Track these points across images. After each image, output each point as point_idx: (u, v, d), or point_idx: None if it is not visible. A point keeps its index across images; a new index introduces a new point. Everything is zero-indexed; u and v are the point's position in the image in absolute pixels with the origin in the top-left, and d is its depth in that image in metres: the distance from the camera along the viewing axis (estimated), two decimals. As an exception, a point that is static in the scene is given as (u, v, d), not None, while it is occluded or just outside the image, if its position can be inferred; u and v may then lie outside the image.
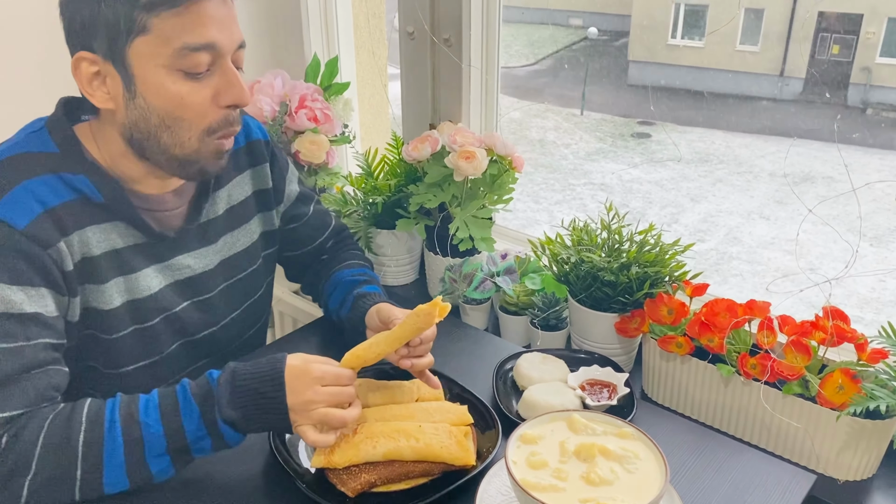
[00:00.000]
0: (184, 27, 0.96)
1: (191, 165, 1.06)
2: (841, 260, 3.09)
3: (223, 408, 0.95)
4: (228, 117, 1.04)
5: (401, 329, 1.04)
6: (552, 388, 1.15)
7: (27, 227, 0.96)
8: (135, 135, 1.03)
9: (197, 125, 1.02)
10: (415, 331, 1.03)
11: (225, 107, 1.03)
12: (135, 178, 1.09)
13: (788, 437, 1.14)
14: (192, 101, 1.00)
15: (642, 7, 4.86)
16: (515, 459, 0.90)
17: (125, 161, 1.07)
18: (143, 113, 1.00)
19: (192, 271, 1.18)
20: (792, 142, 3.61)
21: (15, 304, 0.94)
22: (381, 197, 1.64)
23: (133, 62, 0.97)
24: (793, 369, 1.10)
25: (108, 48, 0.97)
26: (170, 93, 0.99)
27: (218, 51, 0.99)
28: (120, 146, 1.05)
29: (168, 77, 0.98)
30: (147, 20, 0.94)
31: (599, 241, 1.37)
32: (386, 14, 2.13)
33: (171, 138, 1.02)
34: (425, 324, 1.02)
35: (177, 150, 1.03)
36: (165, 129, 1.01)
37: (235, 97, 1.02)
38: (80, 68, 0.99)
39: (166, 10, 0.94)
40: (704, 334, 1.18)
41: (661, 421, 1.14)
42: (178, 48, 0.96)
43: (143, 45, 0.96)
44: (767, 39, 4.55)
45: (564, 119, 5.57)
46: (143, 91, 0.99)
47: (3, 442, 0.89)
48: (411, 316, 1.03)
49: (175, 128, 1.01)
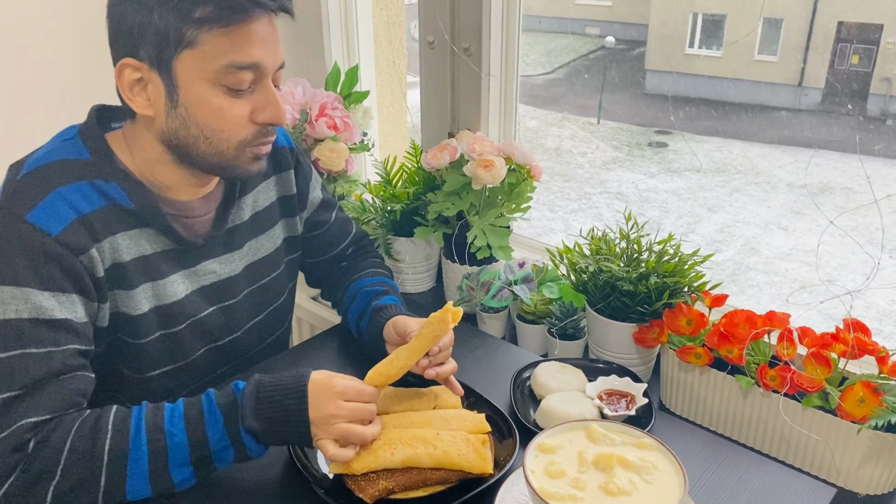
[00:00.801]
0: (232, 45, 0.98)
1: (230, 170, 1.08)
2: (860, 272, 3.06)
3: (246, 418, 0.96)
4: (263, 130, 1.07)
5: (418, 340, 1.04)
6: (570, 397, 1.15)
7: (60, 233, 0.97)
8: (174, 141, 1.04)
9: (234, 138, 1.04)
10: (432, 339, 1.04)
11: (261, 124, 1.05)
12: (168, 184, 1.11)
13: (808, 449, 1.13)
14: (230, 115, 1.02)
15: (660, 16, 4.84)
16: (533, 468, 0.90)
17: (160, 167, 1.09)
18: (184, 122, 1.02)
19: (217, 277, 1.19)
20: (813, 153, 3.59)
21: (46, 310, 0.95)
22: (400, 205, 1.64)
23: (178, 73, 0.99)
24: (813, 381, 1.10)
25: (155, 57, 0.98)
26: (211, 106, 1.01)
27: (261, 70, 1.02)
28: (156, 152, 1.07)
29: (210, 91, 1.00)
30: (197, 35, 0.96)
31: (618, 250, 1.37)
32: (405, 23, 2.15)
33: (208, 148, 1.04)
34: (441, 331, 1.03)
35: (215, 158, 1.06)
36: (204, 140, 1.03)
37: (272, 116, 1.05)
38: (123, 74, 1.01)
39: (217, 28, 0.97)
40: (723, 345, 1.17)
41: (679, 432, 1.14)
42: (225, 65, 0.98)
43: (190, 58, 0.98)
44: (786, 49, 4.52)
45: (581, 128, 5.56)
46: (185, 101, 1.01)
47: (31, 447, 0.90)
48: (426, 325, 1.04)
49: (213, 139, 1.03)
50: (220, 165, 1.07)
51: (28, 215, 0.96)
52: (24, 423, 0.91)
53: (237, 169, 1.08)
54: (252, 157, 1.08)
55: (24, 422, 0.91)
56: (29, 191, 0.99)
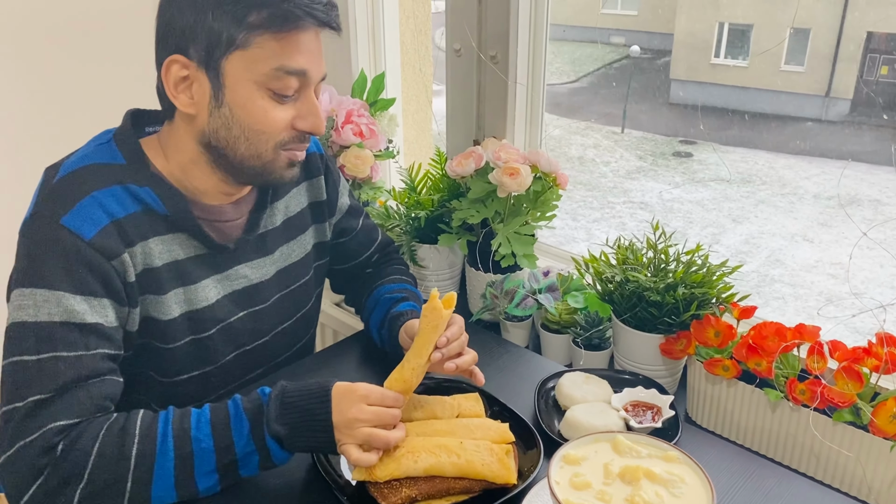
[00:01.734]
0: (283, 50, 1.00)
1: (265, 175, 1.09)
2: (888, 285, 2.99)
3: (271, 423, 0.96)
4: (301, 136, 1.08)
5: (419, 336, 1.04)
6: (595, 408, 1.14)
7: (94, 237, 0.98)
8: (213, 142, 1.05)
9: (273, 139, 1.06)
10: (431, 330, 1.03)
11: (300, 130, 1.07)
12: (201, 188, 1.11)
13: (839, 466, 1.11)
14: (273, 117, 1.04)
15: (685, 26, 4.82)
16: (559, 480, 0.89)
17: (195, 170, 1.09)
18: (226, 122, 1.03)
19: (248, 281, 1.20)
20: (846, 164, 3.54)
21: (77, 314, 0.96)
22: (424, 212, 1.64)
23: (226, 73, 1.00)
24: (844, 396, 1.08)
25: (205, 56, 1.00)
26: (256, 107, 1.02)
27: (307, 78, 1.04)
28: (192, 154, 1.08)
29: (257, 93, 1.02)
30: (249, 37, 0.98)
31: (645, 260, 1.35)
32: (431, 31, 2.15)
33: (248, 150, 1.05)
34: (436, 319, 1.03)
35: (253, 160, 1.07)
36: (245, 141, 1.04)
37: (312, 125, 1.07)
38: (171, 70, 1.02)
39: (269, 33, 0.99)
40: (752, 358, 1.16)
41: (706, 445, 1.12)
42: (274, 68, 1.00)
43: (240, 59, 1.00)
44: (813, 59, 4.48)
45: (605, 137, 5.53)
46: (231, 102, 1.02)
47: (59, 450, 0.91)
48: (421, 319, 1.04)
49: (253, 140, 1.05)
50: (255, 169, 1.08)
51: (63, 219, 0.97)
52: (53, 426, 0.91)
53: (272, 174, 1.09)
54: (287, 162, 1.09)
55: (53, 425, 0.92)
56: (64, 194, 1.00)
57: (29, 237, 0.99)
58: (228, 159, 1.07)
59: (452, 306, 1.04)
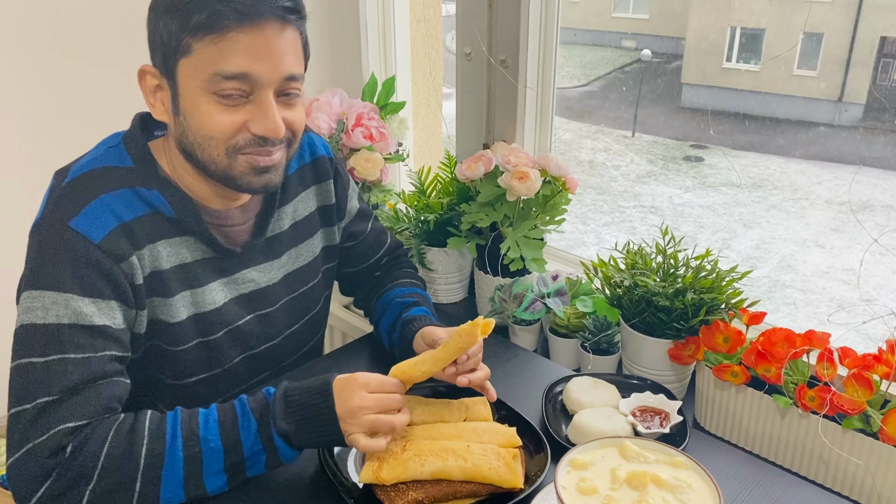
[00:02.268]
0: (220, 54, 0.97)
1: (229, 181, 1.06)
2: (900, 290, 2.91)
3: (278, 421, 0.96)
4: (259, 141, 1.03)
5: (444, 349, 1.04)
6: (603, 413, 1.13)
7: (102, 240, 0.99)
8: (184, 148, 1.05)
9: (222, 143, 1.02)
10: (458, 350, 1.04)
11: (254, 135, 1.02)
12: (199, 193, 1.11)
13: (848, 473, 1.10)
14: (218, 121, 1.00)
15: (697, 30, 4.80)
16: (565, 484, 0.89)
17: (187, 176, 1.10)
18: (183, 129, 1.03)
19: (256, 285, 1.20)
20: (857, 169, 3.51)
21: (86, 316, 0.97)
22: (434, 215, 1.65)
23: (179, 81, 1.00)
24: (854, 403, 1.07)
25: (162, 64, 1.01)
26: (202, 112, 1.00)
27: (253, 81, 0.99)
28: (179, 159, 1.08)
29: (203, 98, 0.99)
30: (191, 43, 0.97)
31: (654, 265, 1.35)
32: (441, 35, 2.16)
33: (203, 156, 1.03)
34: (468, 343, 1.03)
35: (211, 166, 1.04)
36: (198, 147, 1.03)
37: (264, 129, 1.01)
38: (145, 80, 1.03)
39: (208, 36, 0.96)
40: (761, 364, 1.15)
41: (714, 451, 1.12)
42: (211, 74, 0.98)
43: (186, 65, 0.99)
44: (826, 64, 4.45)
45: (615, 140, 5.51)
46: (183, 109, 1.01)
47: (68, 451, 0.92)
48: (454, 336, 1.03)
49: (205, 146, 1.02)
50: (218, 175, 1.05)
51: (71, 221, 0.98)
52: (62, 427, 0.92)
53: (237, 180, 1.05)
54: (250, 168, 1.04)
55: (61, 426, 0.92)
56: (73, 197, 1.01)
57: (38, 240, 0.99)
58: (199, 165, 1.05)
59: (488, 333, 1.03)
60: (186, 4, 0.96)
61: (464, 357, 1.09)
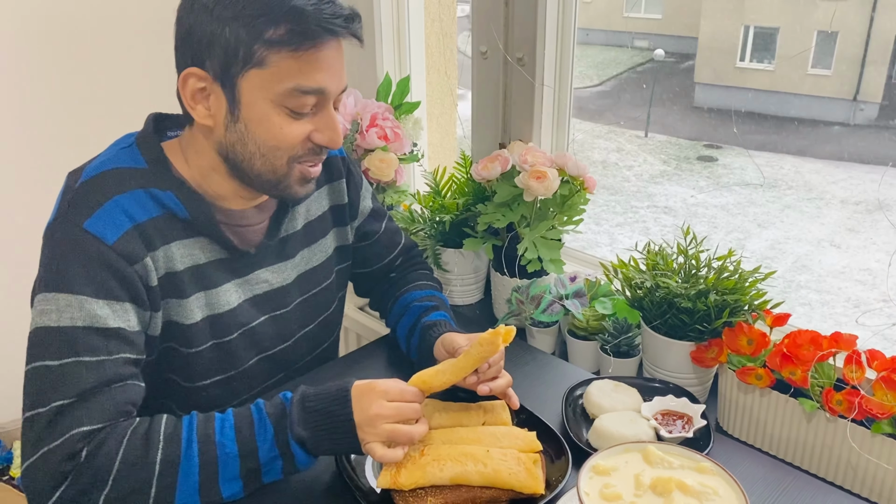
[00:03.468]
0: (300, 69, 0.97)
1: (278, 189, 1.08)
2: (919, 292, 2.90)
3: (294, 427, 0.95)
4: (316, 149, 1.06)
5: (465, 359, 1.02)
6: (625, 417, 1.11)
7: (116, 242, 0.98)
8: (230, 155, 1.04)
9: (287, 153, 1.04)
10: (479, 360, 1.02)
11: (316, 144, 1.05)
12: (222, 194, 1.11)
13: (877, 479, 1.08)
14: (289, 134, 1.02)
15: (710, 29, 4.77)
16: (588, 490, 0.87)
17: (215, 176, 1.09)
18: (242, 137, 1.02)
19: (269, 286, 1.19)
20: (885, 169, 3.46)
21: (100, 319, 0.96)
22: (449, 216, 1.63)
23: (242, 90, 0.99)
24: (883, 407, 1.05)
25: (221, 71, 0.98)
26: (272, 125, 1.01)
27: (325, 95, 1.01)
28: (212, 161, 1.07)
29: (273, 111, 1.00)
30: (266, 55, 0.96)
31: (675, 266, 1.33)
32: (455, 35, 2.14)
33: (263, 165, 1.04)
34: (489, 353, 1.01)
35: (268, 175, 1.05)
36: (260, 157, 1.03)
37: (328, 140, 1.05)
38: (188, 82, 1.00)
39: (287, 50, 0.96)
40: (786, 367, 1.13)
41: (738, 456, 1.10)
42: (290, 88, 0.98)
43: (256, 77, 0.97)
44: (841, 63, 4.41)
45: (628, 141, 5.49)
46: (246, 118, 1.00)
47: (83, 455, 0.90)
48: (475, 345, 1.02)
49: (269, 156, 1.03)
50: (270, 183, 1.07)
51: (85, 223, 0.97)
52: (76, 431, 0.91)
53: (287, 189, 1.08)
54: (301, 177, 1.07)
55: (76, 430, 0.91)
56: (87, 199, 1.00)
57: (52, 242, 0.98)
58: (244, 172, 1.06)
59: (509, 341, 1.02)
60: (260, 15, 0.95)
61: (485, 366, 1.07)
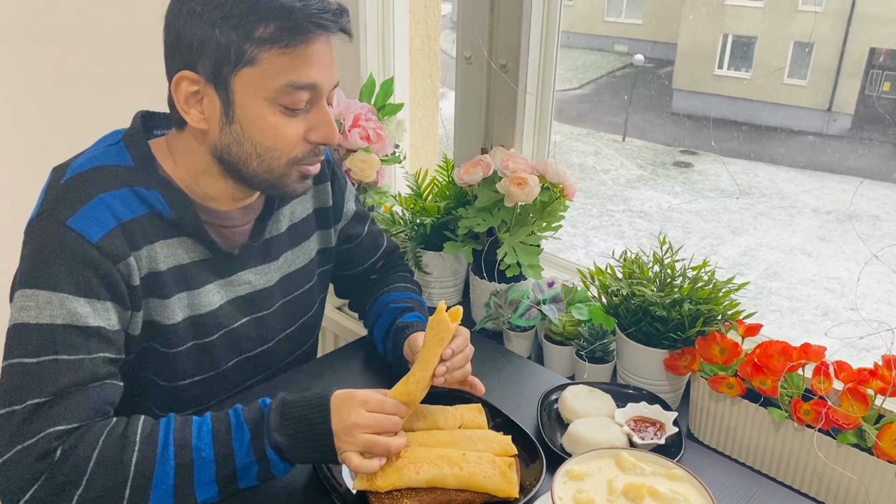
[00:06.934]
0: (291, 65, 0.98)
1: (278, 188, 1.08)
2: (885, 301, 2.97)
3: (272, 433, 0.95)
4: (315, 149, 1.06)
5: (425, 349, 1.04)
6: (599, 423, 1.13)
7: (100, 240, 0.97)
8: (225, 156, 1.04)
9: (285, 155, 1.04)
10: (437, 342, 1.03)
11: (314, 143, 1.05)
12: (212, 195, 1.10)
13: (842, 487, 1.11)
14: (285, 133, 1.02)
15: (689, 36, 4.81)
16: (561, 495, 0.89)
17: (207, 178, 1.08)
18: (237, 138, 1.02)
19: (252, 287, 1.19)
20: (860, 182, 3.52)
21: (80, 317, 0.95)
22: (430, 218, 1.64)
23: (236, 90, 0.98)
24: (849, 418, 1.07)
25: (213, 73, 0.98)
26: (267, 124, 1.00)
27: (318, 91, 1.01)
28: (205, 164, 1.07)
29: (267, 109, 1.00)
30: (257, 53, 0.96)
31: (651, 274, 1.35)
32: (440, 37, 2.15)
33: (259, 166, 1.04)
34: (442, 331, 1.03)
35: (265, 175, 1.05)
36: (256, 157, 1.03)
37: (325, 136, 1.05)
38: (181, 86, 1.00)
39: (277, 48, 0.96)
40: (757, 376, 1.15)
41: (708, 463, 1.12)
42: (283, 84, 0.98)
43: (248, 76, 0.98)
44: (816, 74, 4.48)
45: (605, 144, 5.53)
46: (241, 118, 1.00)
47: (58, 455, 0.90)
48: (427, 331, 1.04)
49: (266, 156, 1.03)
50: (268, 182, 1.07)
51: (69, 220, 0.96)
52: (51, 430, 0.90)
53: (285, 187, 1.08)
54: (299, 176, 1.08)
55: (51, 429, 0.90)
56: (71, 196, 0.99)
57: (34, 238, 0.97)
58: (241, 172, 1.06)
59: (458, 320, 1.04)
60: (249, 14, 0.95)
61: (448, 352, 1.06)
